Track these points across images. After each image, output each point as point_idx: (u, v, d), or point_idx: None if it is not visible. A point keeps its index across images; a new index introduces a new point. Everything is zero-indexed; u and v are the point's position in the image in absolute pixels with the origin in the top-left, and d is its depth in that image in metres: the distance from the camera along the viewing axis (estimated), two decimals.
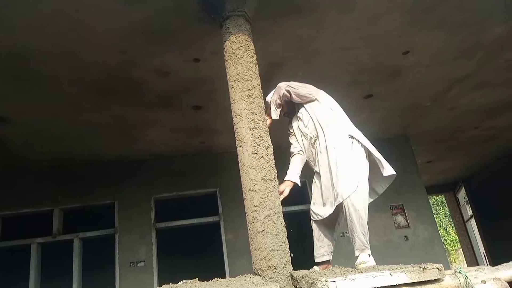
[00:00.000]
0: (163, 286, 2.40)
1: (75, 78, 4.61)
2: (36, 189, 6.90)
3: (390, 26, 4.46)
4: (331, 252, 3.03)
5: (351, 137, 2.94)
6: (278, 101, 3.16)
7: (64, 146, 6.40)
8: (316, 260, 3.03)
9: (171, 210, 7.25)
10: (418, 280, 1.92)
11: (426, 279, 1.93)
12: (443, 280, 1.97)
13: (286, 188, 3.06)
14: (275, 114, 3.20)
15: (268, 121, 3.21)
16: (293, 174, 3.14)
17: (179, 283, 2.59)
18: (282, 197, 2.99)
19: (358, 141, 2.93)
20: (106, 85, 4.87)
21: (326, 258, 3.01)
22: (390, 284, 1.92)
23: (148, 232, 6.91)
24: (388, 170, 2.91)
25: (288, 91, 3.09)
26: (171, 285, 2.47)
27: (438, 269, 1.95)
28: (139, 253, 6.78)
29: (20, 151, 6.36)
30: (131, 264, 6.70)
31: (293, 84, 3.13)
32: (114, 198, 7.06)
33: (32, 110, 5.15)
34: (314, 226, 3.06)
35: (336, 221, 3.03)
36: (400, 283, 1.92)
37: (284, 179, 3.11)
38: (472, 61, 5.46)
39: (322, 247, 3.02)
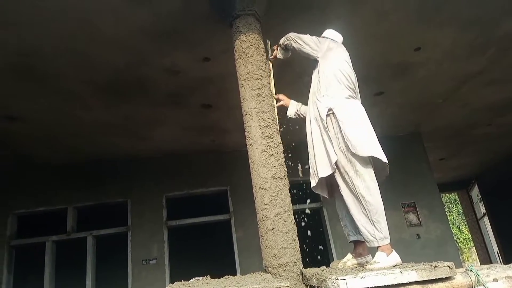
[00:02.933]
0: (175, 283, 2.44)
1: (84, 77, 4.68)
2: (50, 188, 7.02)
3: (400, 23, 4.44)
4: (358, 232, 2.67)
5: (332, 112, 2.73)
6: (282, 46, 3.27)
7: (74, 144, 6.49)
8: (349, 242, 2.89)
9: (183, 208, 7.31)
10: (428, 278, 1.92)
11: (437, 277, 1.92)
12: (454, 278, 1.96)
13: (284, 101, 3.31)
14: (280, 53, 3.33)
15: (274, 53, 3.37)
16: (297, 103, 3.32)
17: (191, 280, 2.62)
18: (277, 104, 3.27)
19: (337, 118, 2.68)
20: (115, 84, 4.92)
21: (352, 238, 2.81)
22: (400, 282, 1.92)
23: (160, 230, 6.98)
24: (360, 150, 2.60)
25: (290, 44, 3.15)
26: (183, 282, 2.50)
27: (449, 267, 1.94)
28: (151, 250, 6.86)
29: (31, 150, 6.47)
30: (144, 261, 6.78)
31: (302, 39, 3.06)
32: (127, 196, 7.15)
33: (42, 108, 5.23)
34: (336, 203, 2.94)
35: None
36: (410, 281, 1.92)
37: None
38: (484, 58, 5.39)
39: (346, 227, 2.85)
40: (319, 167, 2.75)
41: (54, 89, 4.83)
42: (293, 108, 3.31)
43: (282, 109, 3.34)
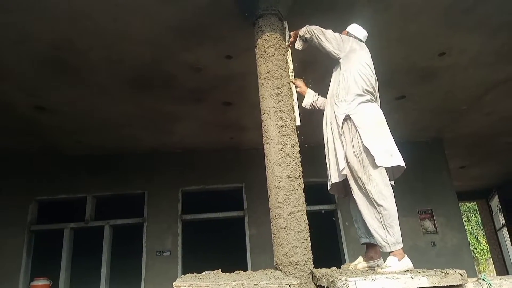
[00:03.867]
0: (187, 274, 2.49)
1: (112, 70, 4.79)
2: (71, 176, 7.21)
3: (426, 26, 4.37)
4: (371, 235, 2.63)
5: (348, 118, 2.71)
6: (302, 38, 3.22)
7: (99, 136, 6.66)
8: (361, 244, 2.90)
9: (198, 203, 7.40)
10: (439, 285, 1.91)
11: (448, 284, 1.91)
12: (465, 286, 1.95)
13: (301, 88, 3.33)
14: (299, 44, 3.30)
15: (291, 40, 3.37)
16: (314, 93, 3.31)
17: (203, 273, 2.66)
18: (296, 88, 3.32)
19: (354, 123, 2.67)
20: (141, 79, 5.03)
21: (363, 240, 2.82)
22: (410, 287, 1.91)
23: (174, 223, 7.09)
24: (380, 160, 2.54)
25: (311, 39, 3.09)
26: (195, 274, 2.55)
27: (460, 274, 1.93)
28: (165, 242, 6.97)
29: (57, 139, 6.67)
30: (158, 253, 6.90)
31: (325, 36, 2.99)
32: (144, 188, 7.28)
33: (70, 100, 5.39)
34: (350, 205, 2.92)
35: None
36: (421, 286, 1.91)
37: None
38: (511, 65, 5.26)
39: (359, 229, 2.85)
40: (332, 173, 2.77)
41: (83, 82, 4.97)
42: (309, 99, 3.30)
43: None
